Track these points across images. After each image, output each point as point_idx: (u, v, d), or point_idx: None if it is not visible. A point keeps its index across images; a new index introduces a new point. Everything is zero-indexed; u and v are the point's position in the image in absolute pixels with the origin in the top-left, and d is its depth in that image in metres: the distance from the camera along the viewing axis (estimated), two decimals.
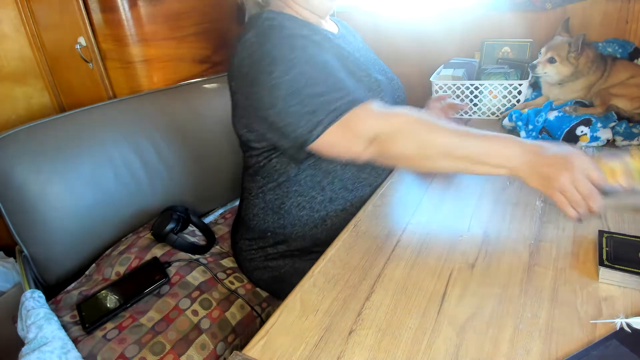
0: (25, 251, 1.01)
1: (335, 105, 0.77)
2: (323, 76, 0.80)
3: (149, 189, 1.20)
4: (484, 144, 0.72)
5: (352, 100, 0.77)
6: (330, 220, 0.95)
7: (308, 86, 0.78)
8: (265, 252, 1.01)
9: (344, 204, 0.94)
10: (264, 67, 0.81)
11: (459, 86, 1.27)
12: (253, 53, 0.84)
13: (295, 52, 0.81)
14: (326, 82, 0.79)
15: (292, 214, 0.95)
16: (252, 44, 0.84)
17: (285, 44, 0.82)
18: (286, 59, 0.80)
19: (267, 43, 0.83)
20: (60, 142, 1.06)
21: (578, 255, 0.69)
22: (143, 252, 1.04)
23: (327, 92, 0.78)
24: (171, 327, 0.88)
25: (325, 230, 0.95)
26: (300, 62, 0.80)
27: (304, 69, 0.80)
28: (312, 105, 0.78)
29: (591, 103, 1.13)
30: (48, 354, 0.76)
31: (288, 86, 0.79)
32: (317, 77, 0.80)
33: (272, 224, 0.98)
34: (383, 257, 0.73)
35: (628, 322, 0.55)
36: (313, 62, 0.81)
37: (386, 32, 1.58)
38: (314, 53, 0.83)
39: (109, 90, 1.42)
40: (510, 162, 0.70)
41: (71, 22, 1.34)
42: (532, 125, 1.10)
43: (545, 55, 1.12)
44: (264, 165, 0.95)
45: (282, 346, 0.58)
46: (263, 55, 0.82)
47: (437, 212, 0.85)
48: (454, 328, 0.58)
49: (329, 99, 0.78)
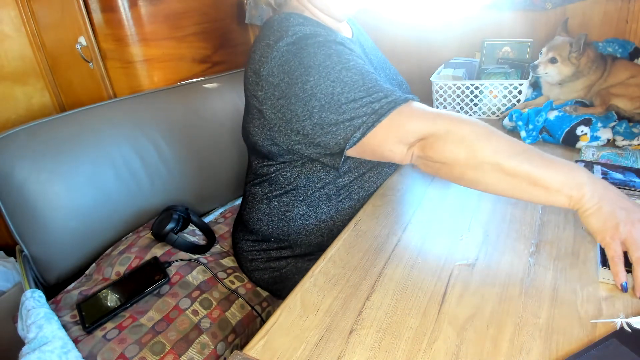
0: (26, 251, 1.01)
1: (377, 105, 0.73)
2: (360, 80, 0.75)
3: (149, 188, 1.20)
4: (547, 162, 0.62)
5: (395, 100, 0.73)
6: (337, 229, 0.93)
7: (345, 92, 0.74)
8: (268, 254, 1.00)
9: (351, 213, 0.93)
10: (297, 78, 0.77)
11: (459, 86, 1.27)
12: (285, 63, 0.79)
13: (332, 59, 0.77)
14: (364, 86, 0.75)
15: (297, 222, 0.94)
16: (285, 53, 0.79)
17: (321, 52, 0.78)
18: (321, 66, 0.76)
19: (302, 52, 0.78)
20: (60, 142, 1.06)
21: (578, 255, 0.69)
22: (143, 251, 1.04)
23: (366, 95, 0.74)
24: (171, 327, 0.88)
25: (332, 239, 0.92)
26: (335, 69, 0.76)
27: (340, 75, 0.75)
28: (351, 112, 0.74)
29: (591, 103, 1.13)
30: (48, 353, 0.76)
31: (324, 95, 0.75)
32: (355, 82, 0.75)
33: (275, 231, 0.97)
34: (383, 257, 0.73)
35: (628, 322, 0.55)
36: (349, 67, 0.77)
37: (386, 32, 1.58)
38: (350, 58, 0.79)
39: (109, 90, 1.42)
40: (575, 190, 0.60)
41: (71, 21, 1.34)
42: (533, 125, 1.10)
43: (546, 55, 1.12)
44: (274, 175, 0.94)
45: (282, 346, 0.58)
46: (297, 65, 0.78)
47: (437, 212, 0.85)
48: (454, 328, 0.58)
49: (368, 101, 0.73)
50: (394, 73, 1.04)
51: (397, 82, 1.03)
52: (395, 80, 1.03)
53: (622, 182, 0.82)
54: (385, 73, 1.01)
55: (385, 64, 1.05)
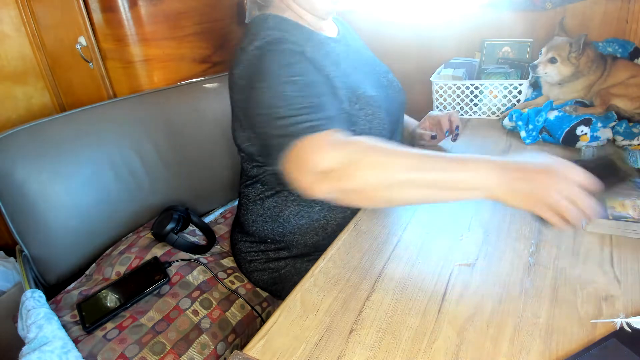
0: (26, 251, 1.01)
1: (292, 129, 0.70)
2: (300, 97, 0.74)
3: (149, 188, 1.20)
4: (453, 165, 0.63)
5: (311, 126, 0.69)
6: (331, 227, 0.94)
7: (282, 107, 0.73)
8: (266, 255, 1.00)
9: (343, 211, 0.93)
10: (254, 83, 0.79)
11: (459, 86, 1.27)
12: (249, 66, 0.82)
13: (282, 70, 0.77)
14: (301, 104, 0.73)
15: (291, 222, 0.95)
16: (251, 57, 0.82)
17: (277, 61, 0.79)
18: (273, 75, 0.77)
19: (263, 58, 0.80)
20: (60, 142, 1.06)
21: (578, 255, 0.69)
22: (143, 251, 1.04)
23: (296, 114, 0.71)
24: (171, 327, 0.88)
25: (327, 238, 0.94)
26: (282, 81, 0.76)
27: (285, 88, 0.75)
28: (279, 129, 0.72)
29: (591, 103, 1.13)
30: (48, 353, 0.76)
31: (266, 106, 0.75)
32: (294, 98, 0.73)
33: (271, 232, 0.98)
34: (383, 257, 0.73)
35: (628, 322, 0.55)
36: (295, 81, 0.76)
37: (386, 32, 1.58)
38: (300, 72, 0.78)
39: (109, 90, 1.42)
40: (486, 183, 0.60)
41: (71, 21, 1.34)
42: (533, 125, 1.10)
43: (546, 55, 1.12)
44: (263, 176, 0.95)
45: (282, 346, 0.58)
46: (256, 70, 0.80)
47: (438, 211, 0.85)
48: (454, 328, 0.58)
49: (294, 122, 0.71)
50: (383, 71, 1.03)
51: (386, 80, 1.02)
52: (385, 78, 1.02)
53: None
54: (372, 71, 0.99)
55: (372, 62, 1.03)
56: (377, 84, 0.98)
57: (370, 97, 0.88)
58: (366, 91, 0.89)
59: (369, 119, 0.87)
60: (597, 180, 0.59)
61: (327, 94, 0.79)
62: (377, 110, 0.88)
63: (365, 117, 0.86)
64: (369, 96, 0.88)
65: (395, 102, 1.01)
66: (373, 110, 0.87)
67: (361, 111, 0.86)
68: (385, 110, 0.92)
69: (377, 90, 0.95)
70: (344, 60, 0.92)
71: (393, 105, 1.00)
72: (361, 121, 0.86)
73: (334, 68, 0.87)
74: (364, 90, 0.89)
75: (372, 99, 0.89)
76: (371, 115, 0.87)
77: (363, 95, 0.87)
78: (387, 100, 0.97)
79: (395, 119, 1.00)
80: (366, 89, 0.89)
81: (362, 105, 0.86)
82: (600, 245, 0.71)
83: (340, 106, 0.82)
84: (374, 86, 0.95)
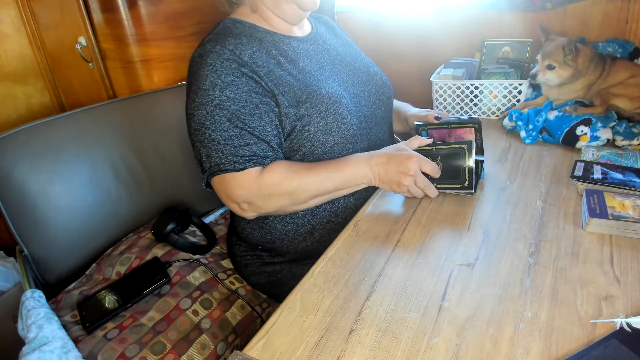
0: (26, 251, 1.01)
1: (217, 160, 0.81)
2: (226, 124, 0.81)
3: (149, 188, 1.20)
4: (340, 173, 0.84)
5: (234, 162, 0.80)
6: (318, 232, 0.95)
7: (210, 130, 0.81)
8: (261, 259, 1.01)
9: (327, 216, 0.94)
10: (190, 93, 0.85)
11: (459, 86, 1.27)
12: (190, 71, 0.87)
13: (214, 91, 0.82)
14: (227, 132, 0.81)
15: (277, 229, 0.95)
16: (193, 64, 0.87)
17: (213, 77, 0.82)
18: (206, 93, 0.82)
19: (202, 68, 0.83)
20: (60, 142, 1.06)
21: (578, 255, 0.69)
22: (144, 252, 1.04)
23: (221, 144, 0.81)
24: (172, 327, 0.88)
25: (315, 243, 0.95)
26: (213, 103, 0.81)
27: (214, 111, 0.81)
28: (206, 150, 0.82)
29: (591, 103, 1.13)
30: (48, 353, 0.76)
31: (197, 122, 0.82)
32: (221, 125, 0.81)
33: (260, 239, 0.98)
34: (383, 257, 0.73)
35: (628, 322, 0.55)
36: (222, 106, 0.81)
37: (386, 32, 1.58)
38: (234, 95, 0.82)
39: (109, 90, 1.42)
40: (365, 179, 0.85)
41: (71, 21, 1.34)
42: (532, 125, 1.10)
43: (542, 63, 1.12)
44: None
45: (282, 346, 0.58)
46: (194, 80, 0.84)
47: (437, 212, 0.85)
48: (454, 328, 0.58)
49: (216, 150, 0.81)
50: (363, 66, 1.03)
51: (366, 75, 1.02)
52: (366, 73, 1.02)
53: (622, 182, 0.82)
54: (344, 69, 0.99)
55: (350, 59, 1.03)
56: (349, 81, 0.98)
57: (325, 95, 0.89)
58: (321, 89, 0.89)
59: (322, 116, 0.87)
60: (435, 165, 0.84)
61: (257, 117, 0.84)
62: (333, 106, 0.89)
63: (318, 115, 0.87)
64: (322, 94, 0.89)
65: (373, 96, 1.01)
66: (327, 107, 0.88)
67: (313, 109, 0.87)
68: (350, 106, 0.93)
69: (344, 87, 0.96)
70: (307, 58, 0.93)
71: (369, 99, 1.00)
72: (314, 120, 0.87)
73: (289, 66, 0.90)
74: (320, 88, 0.89)
75: (327, 96, 0.89)
76: (324, 112, 0.87)
77: (315, 93, 0.88)
78: (358, 96, 0.98)
79: (370, 113, 1.00)
80: (323, 87, 0.90)
81: (313, 103, 0.87)
82: (600, 245, 0.71)
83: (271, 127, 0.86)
84: (341, 83, 0.96)
